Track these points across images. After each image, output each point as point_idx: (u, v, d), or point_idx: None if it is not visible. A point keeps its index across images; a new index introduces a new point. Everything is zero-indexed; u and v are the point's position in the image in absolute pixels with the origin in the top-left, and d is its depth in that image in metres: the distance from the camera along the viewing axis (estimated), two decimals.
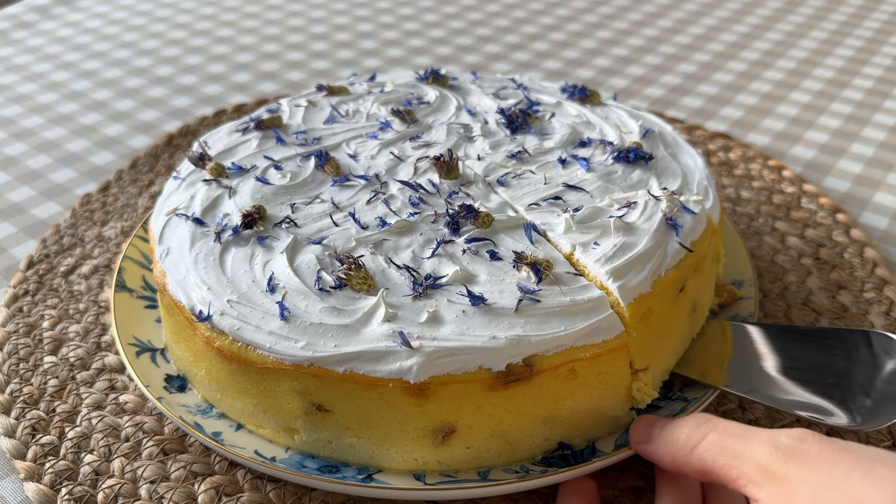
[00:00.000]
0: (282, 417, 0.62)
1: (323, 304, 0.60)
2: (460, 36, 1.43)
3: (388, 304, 0.59)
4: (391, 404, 0.58)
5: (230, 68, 1.33)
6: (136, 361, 0.69)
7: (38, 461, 0.65)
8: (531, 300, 0.59)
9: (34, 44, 1.40)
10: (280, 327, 0.58)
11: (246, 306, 0.60)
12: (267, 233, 0.67)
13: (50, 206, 0.98)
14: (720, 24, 1.47)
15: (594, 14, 1.52)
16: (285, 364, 0.58)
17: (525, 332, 0.57)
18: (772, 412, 0.69)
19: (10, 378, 0.73)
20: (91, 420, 0.69)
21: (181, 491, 0.63)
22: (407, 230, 0.67)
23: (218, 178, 0.74)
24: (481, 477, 0.60)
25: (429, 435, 0.59)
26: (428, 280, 0.61)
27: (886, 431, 0.67)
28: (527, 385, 0.58)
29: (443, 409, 0.58)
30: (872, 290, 0.82)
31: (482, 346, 0.56)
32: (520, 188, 0.72)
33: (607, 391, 0.61)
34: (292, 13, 1.53)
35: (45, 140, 1.12)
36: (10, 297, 0.82)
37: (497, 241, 0.65)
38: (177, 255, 0.67)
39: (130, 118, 1.17)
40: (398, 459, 0.61)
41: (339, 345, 0.57)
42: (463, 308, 0.59)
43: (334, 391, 0.58)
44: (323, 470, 0.61)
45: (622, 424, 0.63)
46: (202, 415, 0.66)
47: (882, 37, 1.41)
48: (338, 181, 0.73)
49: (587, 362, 0.59)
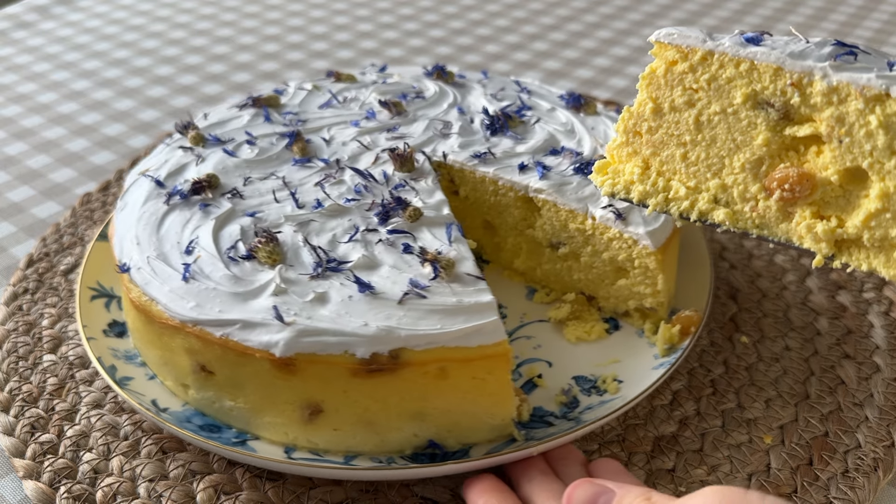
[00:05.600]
0: (178, 373, 0.65)
1: (226, 271, 0.63)
2: (460, 36, 1.43)
3: (283, 279, 0.61)
4: (261, 375, 0.60)
5: (230, 68, 1.33)
6: (87, 304, 0.74)
7: (38, 459, 0.65)
8: (417, 295, 0.60)
9: (34, 43, 1.41)
10: (179, 287, 0.62)
11: (160, 264, 0.64)
12: (211, 201, 0.71)
13: (50, 205, 0.98)
14: (720, 25, 1.47)
15: (594, 14, 1.52)
16: (174, 321, 0.61)
17: (398, 325, 0.58)
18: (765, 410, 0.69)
19: (10, 376, 0.73)
20: (90, 418, 0.69)
21: (180, 489, 0.63)
22: (338, 214, 0.69)
23: (192, 147, 0.79)
24: (345, 461, 0.61)
25: (297, 410, 0.61)
26: (331, 263, 0.63)
27: (886, 432, 0.67)
28: (392, 377, 0.59)
29: (309, 387, 0.59)
30: (872, 289, 0.82)
31: (351, 332, 0.57)
32: None
33: (483, 398, 0.61)
34: (292, 13, 1.53)
35: (45, 140, 1.12)
36: (10, 295, 0.82)
37: (417, 236, 0.67)
38: (129, 210, 0.71)
39: (130, 118, 1.18)
40: (272, 430, 0.63)
41: (223, 311, 0.60)
42: (351, 293, 0.60)
43: (214, 354, 0.61)
44: (204, 428, 0.64)
45: (505, 434, 0.63)
46: (126, 360, 0.69)
47: (882, 37, 1.41)
48: (298, 161, 0.76)
49: (458, 364, 0.59)
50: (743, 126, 0.57)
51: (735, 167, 0.58)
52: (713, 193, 0.59)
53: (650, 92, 0.60)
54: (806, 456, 0.66)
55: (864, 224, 0.53)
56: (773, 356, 0.75)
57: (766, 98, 0.55)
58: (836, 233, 0.54)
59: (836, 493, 0.63)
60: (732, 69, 0.56)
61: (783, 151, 0.56)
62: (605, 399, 0.67)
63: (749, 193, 0.58)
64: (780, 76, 0.54)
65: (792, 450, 0.66)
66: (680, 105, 0.59)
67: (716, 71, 0.56)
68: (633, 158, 0.62)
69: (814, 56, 0.53)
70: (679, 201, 0.60)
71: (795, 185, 0.55)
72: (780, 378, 0.73)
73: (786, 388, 0.72)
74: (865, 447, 0.66)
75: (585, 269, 0.76)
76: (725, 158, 0.58)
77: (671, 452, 0.66)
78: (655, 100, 0.59)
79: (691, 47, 0.57)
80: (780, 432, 0.68)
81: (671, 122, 0.59)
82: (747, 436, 0.67)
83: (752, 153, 0.57)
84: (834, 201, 0.55)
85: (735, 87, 0.56)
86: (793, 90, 0.54)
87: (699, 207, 0.59)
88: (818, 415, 0.69)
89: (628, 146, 0.62)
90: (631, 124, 0.61)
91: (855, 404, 0.70)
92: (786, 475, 0.64)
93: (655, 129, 0.60)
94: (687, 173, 0.60)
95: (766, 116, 0.55)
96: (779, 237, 0.57)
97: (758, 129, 0.56)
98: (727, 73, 0.56)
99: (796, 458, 0.66)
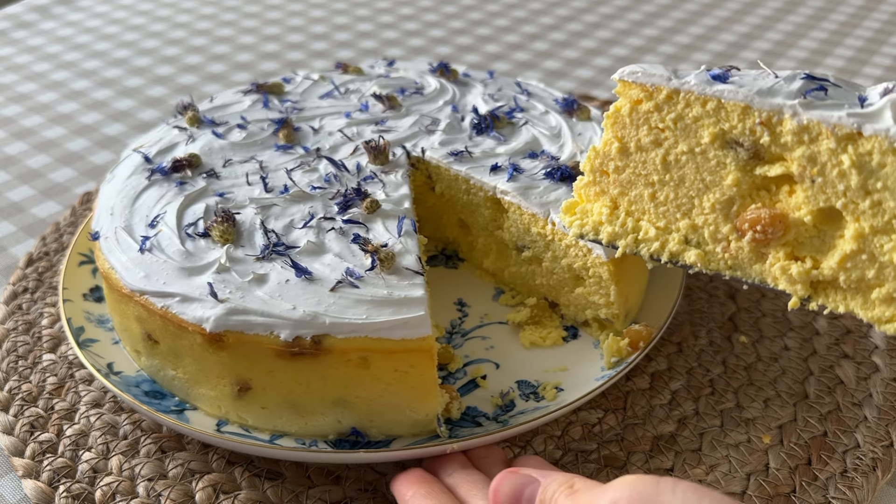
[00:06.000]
0: (132, 339, 0.68)
1: (180, 247, 0.65)
2: (460, 35, 1.43)
3: (230, 258, 0.64)
4: (195, 348, 0.62)
5: (230, 68, 1.33)
6: (74, 268, 0.77)
7: (37, 458, 0.65)
8: (350, 284, 0.61)
9: (34, 43, 1.41)
10: (134, 258, 0.65)
11: (124, 235, 0.67)
12: (189, 179, 0.74)
13: (50, 205, 0.98)
14: (720, 24, 1.47)
15: (594, 14, 1.52)
16: (126, 290, 0.63)
17: (325, 312, 0.59)
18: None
19: (9, 375, 0.73)
20: (89, 418, 0.69)
21: (179, 489, 0.63)
22: (301, 200, 0.71)
23: (187, 127, 0.81)
24: (270, 440, 0.63)
25: (228, 385, 0.62)
26: (279, 247, 0.65)
27: (885, 432, 0.67)
28: (315, 362, 0.60)
29: (238, 364, 0.61)
30: None
31: (278, 314, 0.59)
32: None
33: (406, 391, 0.62)
34: (292, 13, 1.53)
35: (44, 139, 1.12)
36: (10, 294, 0.82)
37: (370, 227, 0.68)
38: (114, 182, 0.74)
39: (130, 117, 1.18)
40: (207, 403, 0.65)
41: (168, 283, 0.62)
42: (289, 277, 0.62)
43: (156, 324, 0.63)
44: (150, 394, 0.66)
45: (429, 430, 0.64)
46: (97, 324, 0.72)
47: (882, 37, 1.41)
48: (281, 147, 0.78)
49: (381, 356, 0.60)
50: (712, 166, 0.55)
51: (705, 207, 0.56)
52: (684, 234, 0.57)
53: (616, 131, 0.58)
54: (805, 456, 0.66)
55: (840, 265, 0.52)
56: (771, 356, 0.75)
57: (734, 137, 0.53)
58: (811, 274, 0.53)
59: (834, 492, 0.63)
60: (699, 108, 0.54)
61: (754, 191, 0.55)
62: (541, 405, 0.66)
63: (720, 234, 0.56)
64: (748, 115, 0.52)
65: (791, 449, 0.66)
66: (646, 144, 0.57)
67: (682, 110, 0.55)
68: (601, 198, 0.61)
69: (783, 93, 0.51)
70: (649, 242, 0.59)
71: (768, 227, 0.53)
72: (779, 378, 0.73)
73: (784, 388, 0.72)
74: (864, 447, 0.66)
75: (547, 274, 0.76)
76: (695, 199, 0.56)
77: (670, 452, 0.66)
78: (621, 139, 0.58)
79: (656, 86, 0.55)
80: (779, 432, 0.68)
81: (638, 162, 0.58)
82: (746, 435, 0.67)
83: (723, 193, 0.55)
84: (808, 242, 0.53)
85: (702, 127, 0.54)
86: (762, 129, 0.52)
87: (669, 248, 0.58)
88: (817, 414, 0.69)
89: (596, 185, 0.60)
90: (597, 163, 0.60)
91: (854, 404, 0.70)
92: (784, 475, 0.64)
93: (622, 168, 0.59)
94: (656, 213, 0.59)
95: (736, 156, 0.54)
96: (753, 279, 0.56)
97: (727, 168, 0.54)
98: (694, 112, 0.54)
99: (795, 458, 0.66)
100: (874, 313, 0.52)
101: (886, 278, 0.51)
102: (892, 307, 0.51)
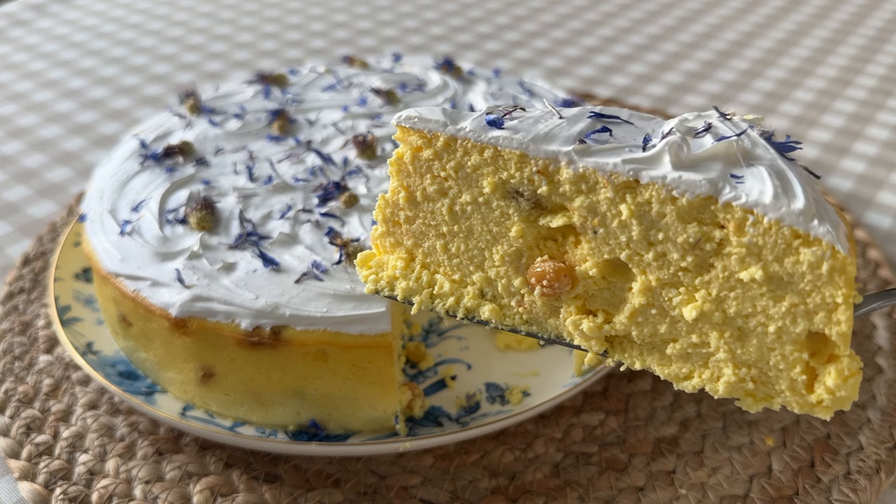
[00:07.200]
0: (110, 320, 0.68)
1: (158, 232, 0.66)
2: (460, 33, 1.43)
3: (203, 245, 0.64)
4: (162, 332, 0.62)
5: (227, 65, 1.32)
6: (70, 249, 0.78)
7: (33, 460, 0.65)
8: (315, 277, 0.61)
9: (31, 41, 1.40)
10: (114, 241, 0.65)
11: (108, 218, 0.68)
12: (179, 166, 0.74)
13: (46, 204, 0.97)
14: (722, 23, 1.46)
15: (595, 12, 1.51)
16: (103, 272, 0.64)
17: (286, 303, 0.60)
18: None
19: (5, 376, 0.72)
20: (86, 420, 0.68)
21: (176, 491, 0.62)
22: (283, 191, 0.71)
23: (186, 115, 0.82)
24: (231, 427, 0.64)
25: (193, 370, 0.63)
26: (252, 236, 0.65)
27: (888, 434, 0.67)
28: (273, 352, 0.60)
29: (201, 350, 0.62)
30: (875, 291, 0.82)
31: (239, 304, 0.60)
32: None
33: (364, 386, 0.62)
34: (291, 10, 1.53)
35: (41, 138, 1.11)
36: (6, 294, 0.81)
37: (346, 220, 0.68)
38: (109, 166, 0.75)
39: (127, 116, 1.17)
40: (175, 386, 0.65)
41: (141, 267, 0.63)
42: (256, 267, 0.62)
43: (129, 307, 0.64)
44: (123, 375, 0.67)
45: (388, 427, 0.64)
46: (85, 304, 0.73)
47: (885, 35, 1.40)
48: (273, 138, 0.79)
49: (339, 350, 0.60)
50: (496, 216, 0.52)
51: (495, 260, 0.53)
52: (479, 287, 0.54)
53: (401, 179, 0.54)
54: (807, 458, 0.65)
55: (631, 320, 0.49)
56: None
57: (514, 187, 0.50)
58: (603, 329, 0.51)
59: (837, 495, 0.62)
60: (477, 156, 0.51)
61: (542, 242, 0.52)
62: (505, 409, 0.66)
63: (513, 288, 0.53)
64: (525, 163, 0.49)
65: (793, 452, 0.66)
66: (432, 194, 0.53)
67: (461, 158, 0.51)
68: (396, 249, 0.57)
69: (560, 139, 0.48)
70: (444, 297, 0.55)
71: (553, 281, 0.51)
72: None
73: None
74: (868, 449, 0.66)
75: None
76: (485, 251, 0.53)
77: (672, 454, 0.66)
78: (407, 188, 0.54)
79: (433, 132, 0.52)
80: (782, 434, 0.67)
81: (427, 212, 0.54)
82: (748, 437, 0.67)
83: (510, 245, 0.52)
84: (599, 295, 0.51)
85: (482, 176, 0.51)
86: (540, 178, 0.49)
87: (465, 304, 0.55)
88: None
89: (390, 236, 0.57)
90: (388, 213, 0.56)
91: (857, 406, 0.69)
92: (787, 477, 0.64)
93: (413, 218, 0.55)
94: (451, 265, 0.55)
95: (518, 206, 0.51)
96: (549, 334, 0.53)
97: (511, 219, 0.51)
98: (472, 161, 0.51)
99: (798, 460, 0.65)
100: (671, 370, 0.50)
101: (679, 333, 0.49)
102: (688, 363, 0.50)
